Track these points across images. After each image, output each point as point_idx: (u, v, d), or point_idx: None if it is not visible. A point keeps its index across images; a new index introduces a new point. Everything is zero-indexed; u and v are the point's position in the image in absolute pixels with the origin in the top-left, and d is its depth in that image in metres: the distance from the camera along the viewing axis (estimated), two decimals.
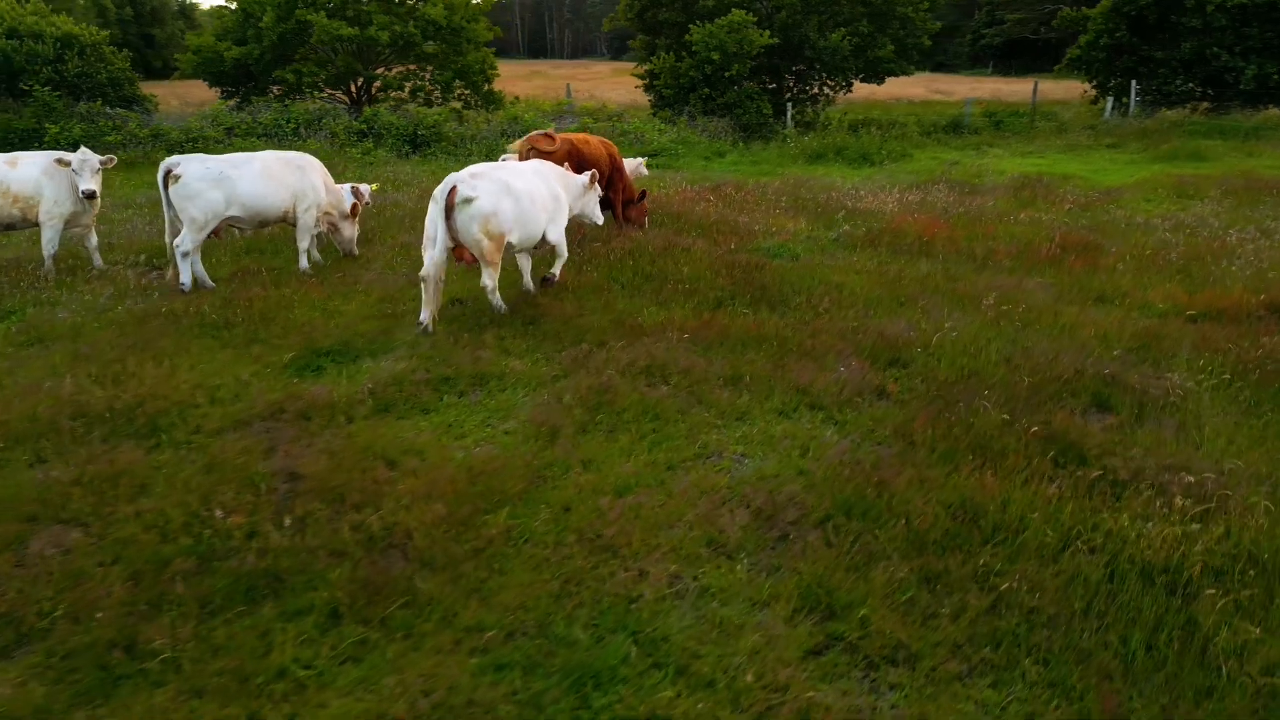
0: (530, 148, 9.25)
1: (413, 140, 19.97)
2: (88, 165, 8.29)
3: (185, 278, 7.91)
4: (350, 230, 9.49)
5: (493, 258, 6.91)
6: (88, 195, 8.25)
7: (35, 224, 8.48)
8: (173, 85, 35.87)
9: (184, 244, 7.91)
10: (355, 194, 10.00)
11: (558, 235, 7.57)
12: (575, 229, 8.81)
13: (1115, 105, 25.69)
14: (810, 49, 24.67)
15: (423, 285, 6.76)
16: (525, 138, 9.65)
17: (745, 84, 23.63)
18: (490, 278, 7.00)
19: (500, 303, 7.20)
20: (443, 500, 4.20)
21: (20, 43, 18.83)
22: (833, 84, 26.79)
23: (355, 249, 9.58)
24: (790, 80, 26.90)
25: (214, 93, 24.31)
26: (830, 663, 3.27)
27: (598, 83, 42.35)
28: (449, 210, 6.70)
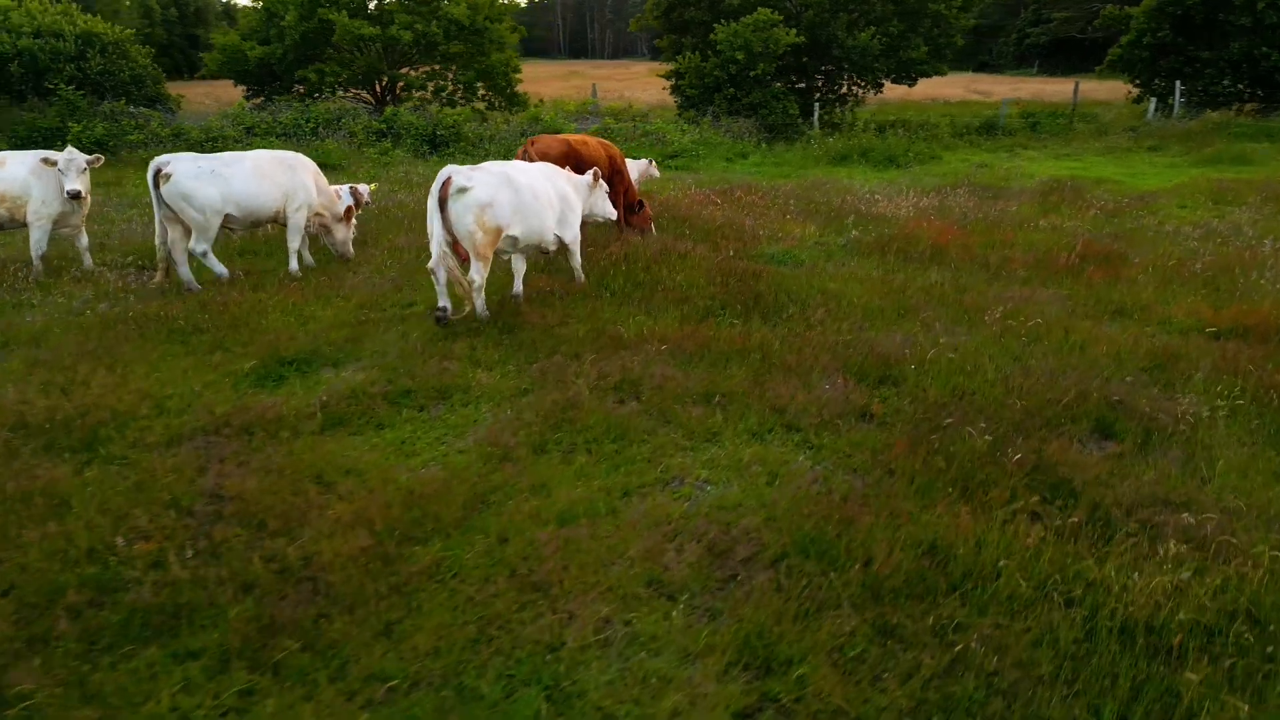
0: (522, 152, 9.06)
1: (432, 140, 19.81)
2: (74, 165, 8.18)
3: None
4: (343, 233, 9.25)
5: (485, 252, 6.69)
6: (72, 195, 8.14)
7: (23, 224, 8.39)
8: (210, 86, 36.24)
9: (197, 246, 7.94)
10: (354, 195, 9.80)
11: (572, 236, 7.57)
12: (581, 229, 8.52)
13: (1159, 106, 24.80)
14: (839, 48, 24.10)
15: (433, 277, 6.74)
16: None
17: (773, 84, 23.15)
18: (479, 274, 6.76)
19: (483, 306, 6.93)
20: (369, 529, 3.92)
21: (45, 41, 18.97)
22: (862, 84, 26.17)
23: (350, 251, 9.34)
24: (819, 80, 26.36)
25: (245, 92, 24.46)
26: None
27: (631, 82, 42.05)
28: (443, 202, 6.54)
